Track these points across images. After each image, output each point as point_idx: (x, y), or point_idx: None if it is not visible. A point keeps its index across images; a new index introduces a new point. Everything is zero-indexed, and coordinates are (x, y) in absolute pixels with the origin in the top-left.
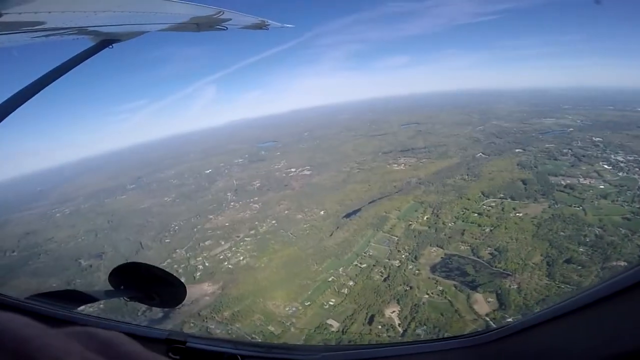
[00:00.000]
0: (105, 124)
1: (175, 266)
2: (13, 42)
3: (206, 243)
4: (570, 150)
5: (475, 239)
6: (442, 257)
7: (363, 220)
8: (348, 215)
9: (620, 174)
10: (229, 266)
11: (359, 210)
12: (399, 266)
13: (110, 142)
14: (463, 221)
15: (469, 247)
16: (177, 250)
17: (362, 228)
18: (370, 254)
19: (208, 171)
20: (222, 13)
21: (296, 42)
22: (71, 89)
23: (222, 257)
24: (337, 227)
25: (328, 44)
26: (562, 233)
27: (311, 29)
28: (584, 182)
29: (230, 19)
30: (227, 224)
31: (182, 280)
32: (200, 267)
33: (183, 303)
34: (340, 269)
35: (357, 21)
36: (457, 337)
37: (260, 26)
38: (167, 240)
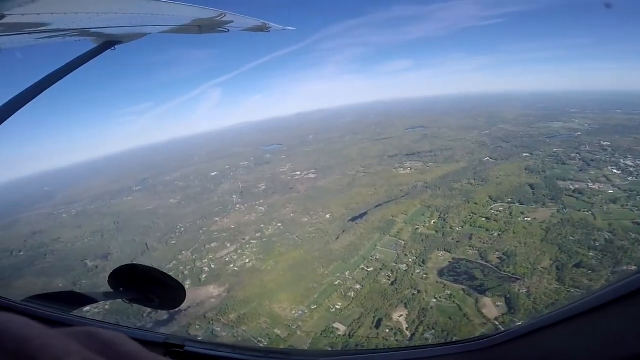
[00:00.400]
0: (110, 126)
1: (181, 268)
2: (16, 43)
3: (212, 245)
4: (578, 155)
5: (484, 243)
6: (449, 262)
7: (369, 224)
8: (354, 219)
9: (630, 178)
10: (235, 268)
11: (365, 214)
12: (406, 270)
13: (116, 144)
14: (471, 225)
15: (477, 252)
16: (183, 252)
17: (368, 232)
18: (377, 257)
19: (214, 174)
20: (223, 15)
21: (300, 46)
22: (75, 91)
23: (228, 259)
24: (343, 231)
25: (331, 47)
26: (571, 237)
27: (315, 32)
28: (593, 186)
29: (232, 22)
30: (232, 227)
31: (188, 282)
32: (206, 269)
33: (189, 305)
34: (347, 273)
35: (360, 25)
36: (460, 342)
37: (262, 29)
38: (172, 242)
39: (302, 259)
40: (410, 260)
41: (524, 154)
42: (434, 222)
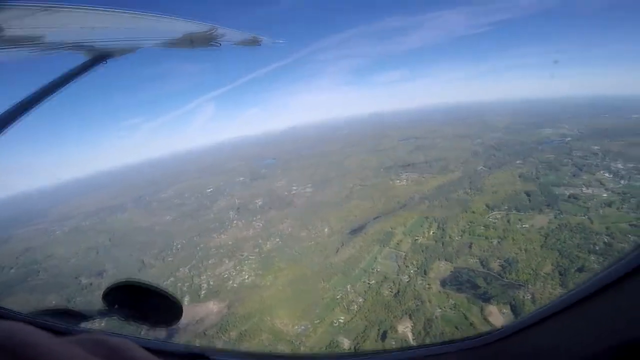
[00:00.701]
0: (103, 141)
1: (179, 284)
2: (11, 57)
3: (210, 262)
4: (570, 160)
5: (484, 251)
6: (451, 271)
7: (369, 236)
8: (353, 232)
9: (622, 181)
10: (234, 285)
11: (363, 226)
12: (408, 281)
13: (110, 159)
14: (470, 234)
15: (477, 260)
16: (181, 269)
17: (368, 244)
18: (378, 270)
19: (209, 190)
20: (215, 29)
21: (294, 59)
22: (67, 106)
23: (226, 275)
24: (343, 244)
25: (325, 59)
26: (570, 242)
27: (308, 45)
28: (587, 191)
29: (224, 35)
30: (230, 243)
31: (187, 298)
32: (205, 285)
33: (188, 322)
34: (348, 286)
35: (353, 36)
36: (455, 341)
37: (253, 42)
38: (169, 259)
39: (302, 273)
40: (411, 271)
41: (517, 162)
42: (432, 233)
